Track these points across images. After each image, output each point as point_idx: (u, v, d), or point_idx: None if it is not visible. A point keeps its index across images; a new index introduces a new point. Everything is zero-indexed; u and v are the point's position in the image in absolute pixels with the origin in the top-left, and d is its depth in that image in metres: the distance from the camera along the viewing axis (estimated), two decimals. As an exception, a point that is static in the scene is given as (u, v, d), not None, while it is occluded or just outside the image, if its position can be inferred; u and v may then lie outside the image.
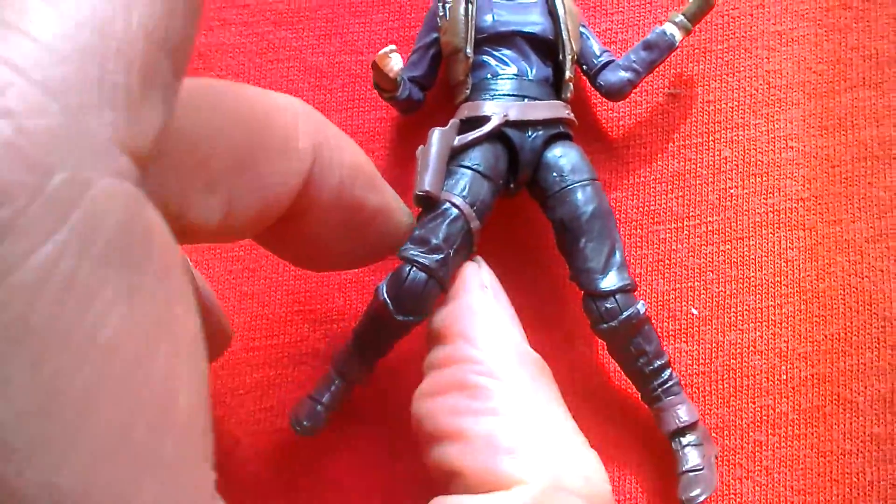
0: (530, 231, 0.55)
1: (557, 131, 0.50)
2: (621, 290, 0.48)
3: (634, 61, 0.52)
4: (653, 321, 0.49)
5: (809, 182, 0.55)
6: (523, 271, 0.55)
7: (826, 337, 0.53)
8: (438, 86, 0.54)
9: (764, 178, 0.55)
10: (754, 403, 0.53)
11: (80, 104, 0.18)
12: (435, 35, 0.52)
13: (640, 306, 0.48)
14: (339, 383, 0.49)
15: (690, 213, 0.55)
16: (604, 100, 0.54)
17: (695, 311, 0.54)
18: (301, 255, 0.40)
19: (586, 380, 0.54)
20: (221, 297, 0.55)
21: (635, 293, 0.49)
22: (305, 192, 0.33)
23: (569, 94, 0.51)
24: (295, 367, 0.56)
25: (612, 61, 0.53)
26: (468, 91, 0.50)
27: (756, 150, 0.56)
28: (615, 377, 0.54)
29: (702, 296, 0.55)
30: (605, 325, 0.48)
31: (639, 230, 0.55)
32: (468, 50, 0.49)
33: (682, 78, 0.57)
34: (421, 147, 0.48)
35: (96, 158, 0.18)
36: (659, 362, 0.48)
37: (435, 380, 0.38)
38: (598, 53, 0.53)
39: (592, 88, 0.54)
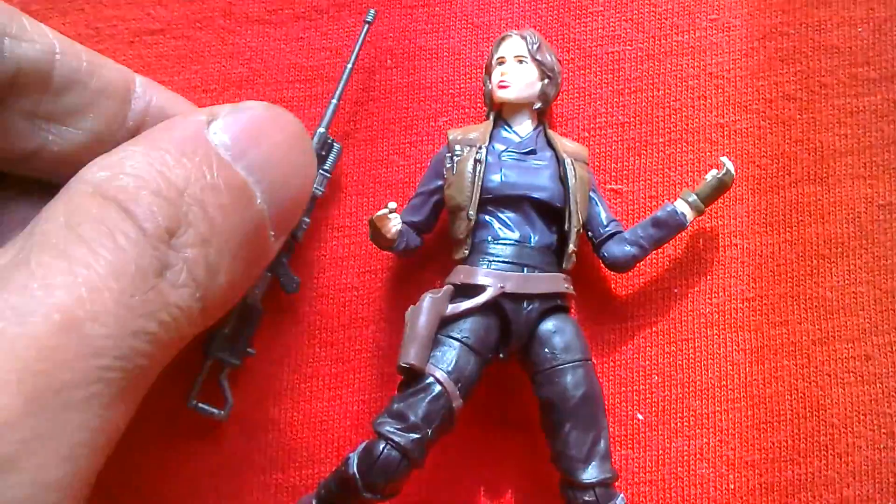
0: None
1: (554, 304, 0.48)
2: (602, 483, 0.45)
3: (642, 237, 0.50)
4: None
5: (755, 281, 0.53)
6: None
7: (774, 444, 0.52)
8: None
9: (708, 277, 0.54)
10: (701, 516, 0.51)
11: None
12: (439, 182, 0.49)
13: (620, 500, 0.46)
14: None
15: (634, 314, 0.54)
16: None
17: (640, 416, 0.53)
18: None
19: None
20: (156, 412, 0.53)
21: (616, 483, 0.47)
22: None
23: (570, 265, 0.49)
24: (231, 478, 0.53)
25: (619, 232, 0.50)
26: (466, 252, 0.48)
27: (700, 247, 0.54)
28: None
29: (647, 400, 0.53)
30: None
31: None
32: (471, 211, 0.47)
33: (623, 173, 0.55)
34: (411, 308, 0.46)
35: None
36: None
37: None
38: (605, 222, 0.50)
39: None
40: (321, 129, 0.53)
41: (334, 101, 0.53)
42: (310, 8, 0.57)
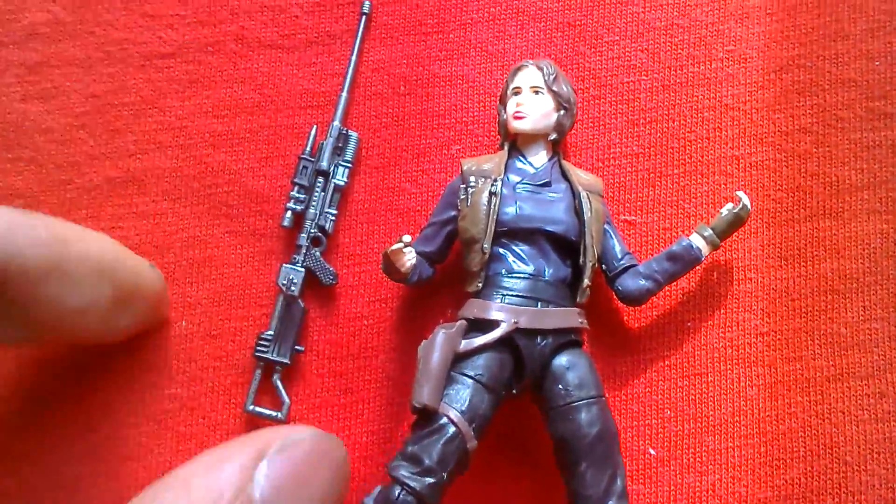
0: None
1: (568, 339, 0.47)
2: None
3: (656, 271, 0.49)
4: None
5: (769, 316, 0.53)
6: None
7: (786, 482, 0.51)
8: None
9: (722, 311, 0.53)
10: (713, 555, 0.51)
11: None
12: (453, 213, 0.49)
13: None
14: None
15: (647, 347, 0.53)
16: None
17: (652, 451, 0.52)
18: None
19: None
20: (154, 450, 0.52)
21: None
22: None
23: (584, 299, 0.48)
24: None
25: (633, 266, 0.50)
26: (480, 284, 0.47)
27: (714, 280, 0.54)
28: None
29: (660, 435, 0.52)
30: None
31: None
32: (486, 244, 0.47)
33: (637, 204, 0.55)
34: (424, 343, 0.45)
35: None
36: None
37: None
38: (619, 256, 0.50)
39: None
40: (336, 123, 0.54)
41: (344, 93, 0.55)
42: (323, 33, 0.56)
